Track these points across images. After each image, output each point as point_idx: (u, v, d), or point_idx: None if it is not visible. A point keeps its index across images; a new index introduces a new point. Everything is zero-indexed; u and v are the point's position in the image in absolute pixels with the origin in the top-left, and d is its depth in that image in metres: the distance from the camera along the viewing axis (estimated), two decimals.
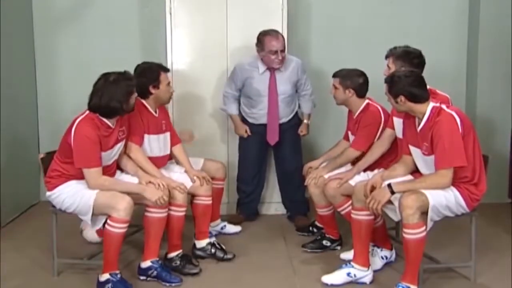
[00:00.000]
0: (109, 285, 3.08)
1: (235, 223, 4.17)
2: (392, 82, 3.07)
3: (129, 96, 3.15)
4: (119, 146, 3.30)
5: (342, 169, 3.65)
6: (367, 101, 3.66)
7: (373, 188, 3.16)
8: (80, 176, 3.14)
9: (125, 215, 3.03)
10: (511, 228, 4.08)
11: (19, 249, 3.81)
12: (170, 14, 4.35)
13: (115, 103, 3.09)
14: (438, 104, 3.03)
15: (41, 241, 3.83)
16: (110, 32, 4.88)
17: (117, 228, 3.04)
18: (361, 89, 3.64)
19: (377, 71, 4.11)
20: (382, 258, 3.46)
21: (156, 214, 3.25)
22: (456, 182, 3.00)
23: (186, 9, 4.38)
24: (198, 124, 4.46)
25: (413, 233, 2.92)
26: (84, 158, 3.07)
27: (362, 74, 3.68)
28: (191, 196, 3.64)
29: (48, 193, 3.23)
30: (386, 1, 4.93)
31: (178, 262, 3.41)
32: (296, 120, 4.33)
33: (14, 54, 4.54)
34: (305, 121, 4.35)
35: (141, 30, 4.90)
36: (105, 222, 3.13)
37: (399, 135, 3.35)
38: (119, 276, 3.11)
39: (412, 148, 3.16)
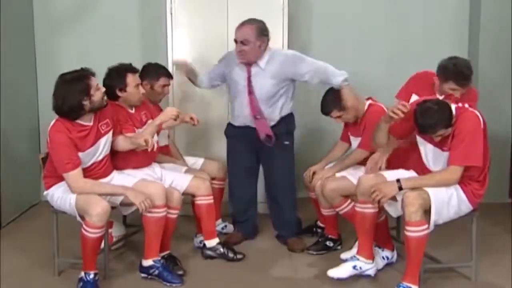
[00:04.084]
0: (80, 284, 3.12)
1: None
2: (438, 127, 2.91)
3: (86, 93, 3.07)
4: (105, 140, 3.24)
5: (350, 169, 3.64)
6: (369, 101, 3.65)
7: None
8: None
9: (97, 221, 3.01)
10: (511, 228, 4.08)
11: (20, 249, 3.81)
12: (171, 14, 4.35)
13: (72, 102, 3.04)
14: (459, 105, 3.03)
15: (41, 241, 3.83)
16: (111, 33, 4.88)
17: (90, 233, 3.03)
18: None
19: (378, 70, 4.13)
20: (384, 258, 3.46)
21: (154, 214, 3.23)
22: (462, 178, 3.01)
23: (187, 9, 4.38)
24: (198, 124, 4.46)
25: (415, 231, 2.93)
26: (60, 163, 3.07)
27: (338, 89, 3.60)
28: (191, 196, 3.62)
29: (45, 192, 3.27)
30: (387, 1, 4.94)
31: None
32: (284, 126, 3.79)
33: (14, 54, 4.54)
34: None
35: (142, 30, 4.91)
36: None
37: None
38: (91, 276, 3.11)
39: (421, 140, 3.14)
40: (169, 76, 3.83)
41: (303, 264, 3.59)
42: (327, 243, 3.77)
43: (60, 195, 3.18)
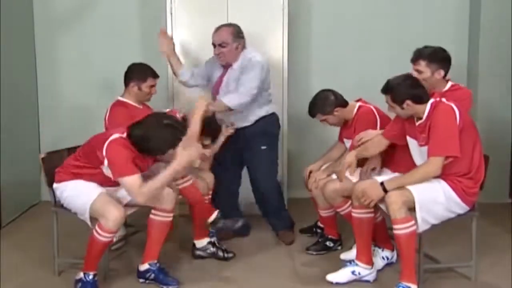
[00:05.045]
0: (79, 285, 3.11)
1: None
2: (393, 90, 3.05)
3: (174, 146, 3.08)
4: (154, 167, 3.31)
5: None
6: (358, 104, 3.65)
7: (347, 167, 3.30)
8: (90, 178, 3.13)
9: (113, 225, 3.00)
10: (511, 228, 4.09)
11: (20, 248, 3.81)
12: (171, 14, 4.36)
13: (161, 147, 3.08)
14: (437, 99, 3.03)
15: (41, 241, 3.83)
16: (111, 33, 4.89)
17: (102, 236, 3.02)
18: (341, 101, 3.63)
19: (378, 70, 4.09)
20: (383, 258, 3.46)
21: (160, 217, 3.22)
22: (447, 175, 2.98)
23: (187, 9, 4.38)
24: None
25: (402, 228, 2.93)
26: (121, 167, 2.99)
27: (327, 92, 3.65)
28: None
29: (55, 185, 3.23)
30: (387, 1, 4.94)
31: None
32: (260, 127, 3.89)
33: (15, 54, 4.54)
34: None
35: (142, 30, 4.90)
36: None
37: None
38: (90, 277, 3.10)
39: (409, 139, 3.16)
40: (156, 76, 3.77)
41: (303, 264, 3.59)
42: (327, 243, 3.77)
43: (73, 193, 3.13)
